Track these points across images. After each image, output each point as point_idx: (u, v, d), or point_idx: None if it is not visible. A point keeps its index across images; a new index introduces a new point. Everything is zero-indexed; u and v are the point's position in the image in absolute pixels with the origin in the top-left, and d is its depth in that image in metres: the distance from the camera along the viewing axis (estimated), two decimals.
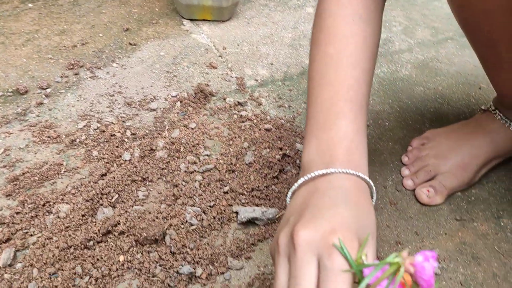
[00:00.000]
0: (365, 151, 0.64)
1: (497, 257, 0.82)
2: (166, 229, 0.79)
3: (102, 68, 1.23)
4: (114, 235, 0.79)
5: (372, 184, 0.60)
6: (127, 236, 0.79)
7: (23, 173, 0.90)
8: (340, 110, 0.63)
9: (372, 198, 0.63)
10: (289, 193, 0.62)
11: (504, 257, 0.82)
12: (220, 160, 0.95)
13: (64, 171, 0.93)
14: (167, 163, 0.94)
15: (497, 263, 0.81)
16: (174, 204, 0.85)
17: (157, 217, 0.81)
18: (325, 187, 0.57)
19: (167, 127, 1.03)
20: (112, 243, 0.78)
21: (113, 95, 1.13)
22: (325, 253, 0.46)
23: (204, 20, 1.48)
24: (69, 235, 0.77)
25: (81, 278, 0.73)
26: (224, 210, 0.85)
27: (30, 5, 1.50)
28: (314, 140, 0.64)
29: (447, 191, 0.89)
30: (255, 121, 1.06)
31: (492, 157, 0.93)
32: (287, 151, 0.96)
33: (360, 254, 0.47)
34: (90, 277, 0.73)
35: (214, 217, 0.84)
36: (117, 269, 0.75)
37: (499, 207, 0.91)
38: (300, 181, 0.60)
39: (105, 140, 0.99)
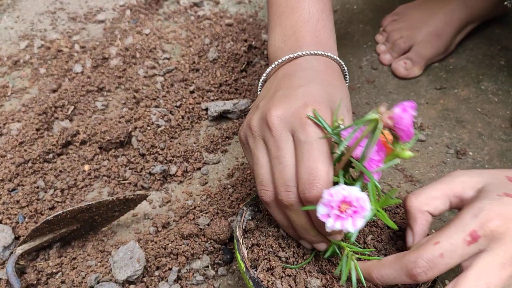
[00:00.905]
0: (333, 29, 0.60)
1: (481, 118, 0.79)
2: (131, 131, 0.73)
3: None
4: (75, 145, 0.72)
5: (343, 63, 0.57)
6: (90, 145, 0.72)
7: None
8: None
9: (345, 78, 0.59)
10: (259, 84, 0.58)
11: (487, 117, 0.79)
12: (182, 61, 0.87)
13: (11, 93, 0.84)
14: (123, 70, 0.86)
15: (482, 124, 0.78)
16: (136, 107, 0.78)
17: (119, 121, 0.74)
18: (295, 69, 0.53)
19: (119, 36, 0.94)
20: (74, 154, 0.71)
21: (54, 12, 1.03)
22: (298, 127, 0.44)
23: None
24: (25, 150, 0.70)
25: (45, 191, 0.67)
26: (192, 109, 0.79)
27: None
28: (278, 27, 0.59)
29: (424, 61, 0.85)
30: (214, 19, 0.98)
31: (466, 21, 0.88)
32: (253, 42, 0.89)
33: (335, 118, 0.43)
34: (55, 190, 0.67)
35: (182, 117, 0.77)
36: (83, 179, 0.69)
37: (478, 72, 0.87)
38: (269, 69, 0.56)
39: (52, 57, 0.90)
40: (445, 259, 0.39)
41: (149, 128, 0.74)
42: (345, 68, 0.57)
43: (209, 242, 0.59)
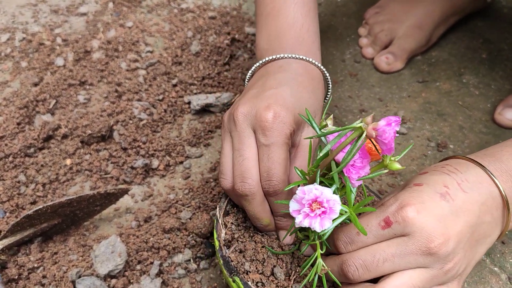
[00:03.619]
0: (317, 32, 0.62)
1: (462, 111, 0.79)
2: (113, 125, 0.72)
3: None
4: (57, 139, 0.72)
5: (323, 69, 0.58)
6: (71, 139, 0.72)
7: None
8: None
9: (327, 83, 0.61)
10: (246, 80, 0.61)
11: (468, 110, 0.80)
12: (164, 54, 0.87)
13: None
14: (105, 64, 0.85)
15: (463, 117, 0.79)
16: (118, 101, 0.77)
17: (101, 115, 0.74)
18: (274, 70, 0.56)
19: (101, 29, 0.93)
20: (55, 148, 0.71)
21: (36, 5, 1.01)
22: (258, 129, 0.48)
23: None
24: (6, 145, 0.69)
25: (26, 186, 0.66)
26: (175, 102, 0.79)
27: None
28: (264, 29, 0.61)
29: (406, 54, 0.85)
30: (197, 12, 0.97)
31: (448, 13, 0.88)
32: (236, 35, 0.89)
33: (323, 122, 0.45)
34: (36, 184, 0.66)
35: (165, 110, 0.77)
36: (65, 173, 0.68)
37: (460, 65, 0.88)
38: (253, 68, 0.59)
39: (34, 50, 0.89)
40: (360, 237, 0.45)
41: (131, 121, 0.74)
42: (327, 73, 0.59)
43: (191, 236, 0.59)
